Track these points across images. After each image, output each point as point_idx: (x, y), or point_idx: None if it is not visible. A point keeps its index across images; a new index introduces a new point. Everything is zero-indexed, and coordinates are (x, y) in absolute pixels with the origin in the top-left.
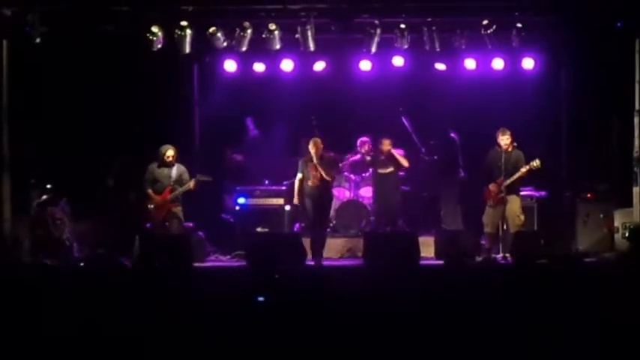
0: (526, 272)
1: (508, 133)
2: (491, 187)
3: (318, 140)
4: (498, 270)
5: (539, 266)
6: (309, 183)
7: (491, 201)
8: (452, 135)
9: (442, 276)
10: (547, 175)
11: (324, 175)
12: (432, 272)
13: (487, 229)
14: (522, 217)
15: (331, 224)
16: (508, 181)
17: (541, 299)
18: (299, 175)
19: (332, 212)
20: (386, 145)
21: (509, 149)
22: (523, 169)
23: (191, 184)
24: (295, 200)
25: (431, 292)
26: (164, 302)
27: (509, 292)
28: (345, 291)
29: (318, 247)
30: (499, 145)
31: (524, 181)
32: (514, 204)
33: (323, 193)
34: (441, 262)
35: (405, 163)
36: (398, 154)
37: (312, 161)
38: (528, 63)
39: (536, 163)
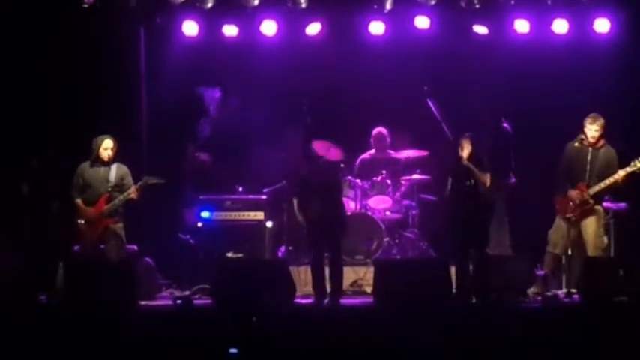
0: (599, 314)
1: (600, 122)
2: (573, 194)
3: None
4: (560, 311)
5: (617, 306)
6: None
7: (570, 214)
8: (503, 125)
9: (482, 319)
10: (627, 181)
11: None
12: (467, 314)
13: (553, 250)
14: (605, 240)
15: None
16: (597, 188)
17: (620, 352)
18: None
19: None
20: (466, 148)
21: (599, 145)
22: (621, 173)
23: (131, 190)
24: (298, 217)
25: (466, 342)
26: (97, 355)
27: (576, 342)
28: (348, 340)
29: (332, 284)
30: (584, 137)
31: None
32: (597, 220)
33: (329, 212)
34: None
35: (485, 180)
36: (476, 168)
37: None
38: (602, 25)
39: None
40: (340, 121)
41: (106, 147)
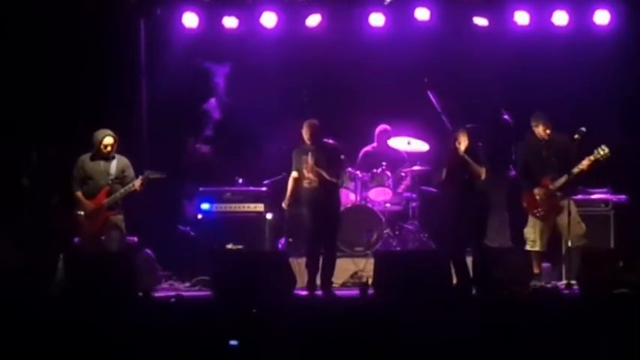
0: (598, 306)
1: (548, 117)
2: (538, 191)
3: (314, 123)
4: (559, 303)
5: (617, 297)
6: (305, 184)
7: (540, 209)
8: (504, 117)
9: (481, 312)
10: (627, 172)
11: (324, 174)
12: (467, 307)
13: (533, 247)
14: (583, 225)
15: None
16: (563, 180)
17: (620, 343)
18: (294, 173)
19: None
20: (463, 141)
21: (551, 137)
22: (585, 162)
23: (136, 183)
24: (284, 203)
25: (466, 334)
26: (98, 346)
27: (576, 334)
28: (348, 332)
29: (323, 274)
30: (533, 133)
31: (592, 181)
32: (569, 209)
33: (325, 198)
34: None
35: (481, 173)
36: (473, 160)
37: (308, 153)
38: (602, 17)
39: (602, 151)
40: (340, 112)
41: (106, 143)
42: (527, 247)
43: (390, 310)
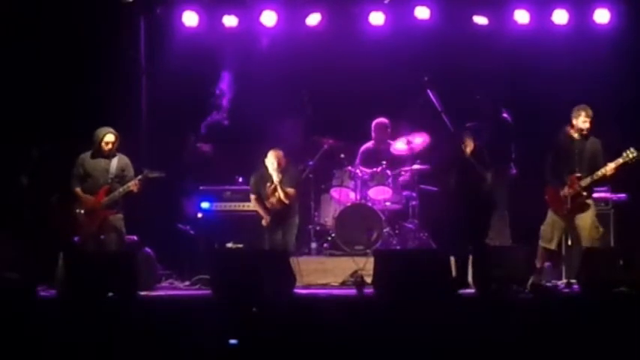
0: (599, 305)
1: (590, 112)
2: (567, 189)
3: (280, 153)
4: (559, 302)
5: (617, 296)
6: (268, 205)
7: (563, 207)
8: (503, 115)
9: (483, 310)
10: (627, 171)
11: (282, 197)
12: (467, 306)
13: (548, 245)
14: (601, 229)
15: (329, 238)
16: (589, 180)
17: (620, 342)
18: (253, 196)
19: (331, 221)
20: (469, 144)
21: (586, 135)
22: (612, 164)
23: (132, 183)
24: (265, 222)
25: (465, 333)
26: (99, 346)
27: (575, 333)
28: (348, 331)
29: None
30: (573, 129)
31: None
32: (592, 212)
33: (286, 217)
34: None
35: (486, 177)
36: (478, 164)
37: (270, 180)
38: (602, 15)
39: (632, 154)
40: (340, 111)
41: (107, 141)
42: (542, 243)
43: (392, 308)
